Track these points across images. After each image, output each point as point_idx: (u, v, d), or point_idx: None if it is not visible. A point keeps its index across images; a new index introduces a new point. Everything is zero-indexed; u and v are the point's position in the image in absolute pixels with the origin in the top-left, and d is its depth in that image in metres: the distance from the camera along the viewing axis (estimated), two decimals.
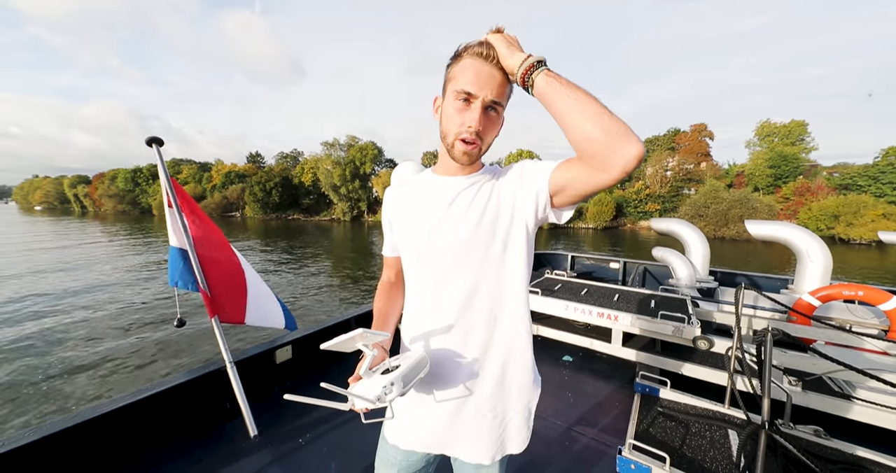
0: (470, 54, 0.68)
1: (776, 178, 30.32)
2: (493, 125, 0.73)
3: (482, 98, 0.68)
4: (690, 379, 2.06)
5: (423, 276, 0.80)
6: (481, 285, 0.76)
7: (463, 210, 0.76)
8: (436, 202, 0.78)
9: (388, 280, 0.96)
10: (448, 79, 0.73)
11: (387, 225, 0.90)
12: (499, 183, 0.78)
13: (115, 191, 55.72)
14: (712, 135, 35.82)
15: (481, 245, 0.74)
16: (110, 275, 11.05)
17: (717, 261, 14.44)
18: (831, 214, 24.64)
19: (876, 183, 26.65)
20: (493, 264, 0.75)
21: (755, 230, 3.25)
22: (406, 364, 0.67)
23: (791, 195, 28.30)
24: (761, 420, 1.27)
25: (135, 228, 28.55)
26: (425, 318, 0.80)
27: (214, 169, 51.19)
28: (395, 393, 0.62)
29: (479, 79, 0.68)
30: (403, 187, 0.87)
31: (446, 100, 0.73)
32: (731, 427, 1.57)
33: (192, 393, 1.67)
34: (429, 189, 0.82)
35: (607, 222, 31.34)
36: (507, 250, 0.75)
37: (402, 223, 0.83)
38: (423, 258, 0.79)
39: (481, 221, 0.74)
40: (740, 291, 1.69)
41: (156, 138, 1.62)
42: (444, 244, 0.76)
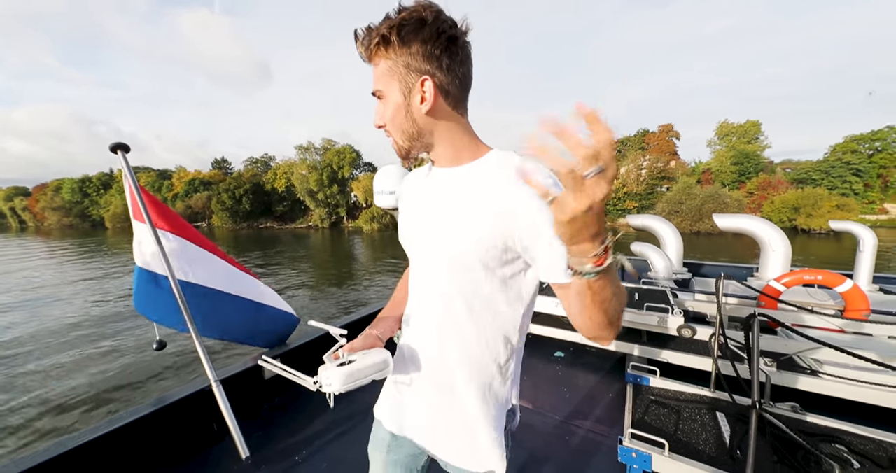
0: None
1: (740, 174, 32.75)
2: (386, 112, 0.66)
3: (375, 92, 0.67)
4: (677, 367, 2.18)
5: (411, 272, 0.81)
6: (440, 288, 0.70)
7: (443, 208, 0.69)
8: (424, 195, 0.76)
9: (407, 270, 0.94)
10: None
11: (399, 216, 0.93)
12: (490, 198, 0.62)
13: (60, 203, 51.80)
14: (679, 135, 38.20)
15: (445, 260, 0.67)
16: (68, 294, 10.24)
17: (696, 254, 15.31)
18: (792, 206, 27.03)
19: (828, 176, 29.43)
20: (463, 274, 0.66)
21: (723, 223, 3.55)
22: (360, 363, 0.69)
23: (755, 190, 30.73)
24: (751, 401, 1.37)
25: (89, 242, 26.56)
26: (410, 312, 0.80)
27: (176, 176, 48.71)
28: (334, 386, 0.66)
29: (373, 75, 0.66)
30: (409, 178, 0.85)
31: None
32: (719, 409, 1.67)
33: (175, 417, 1.59)
34: (424, 181, 0.78)
35: None
36: (484, 265, 0.64)
37: (402, 215, 0.82)
38: (410, 254, 0.79)
39: (451, 237, 0.66)
40: (720, 281, 1.81)
41: (121, 144, 1.51)
42: (425, 244, 0.73)
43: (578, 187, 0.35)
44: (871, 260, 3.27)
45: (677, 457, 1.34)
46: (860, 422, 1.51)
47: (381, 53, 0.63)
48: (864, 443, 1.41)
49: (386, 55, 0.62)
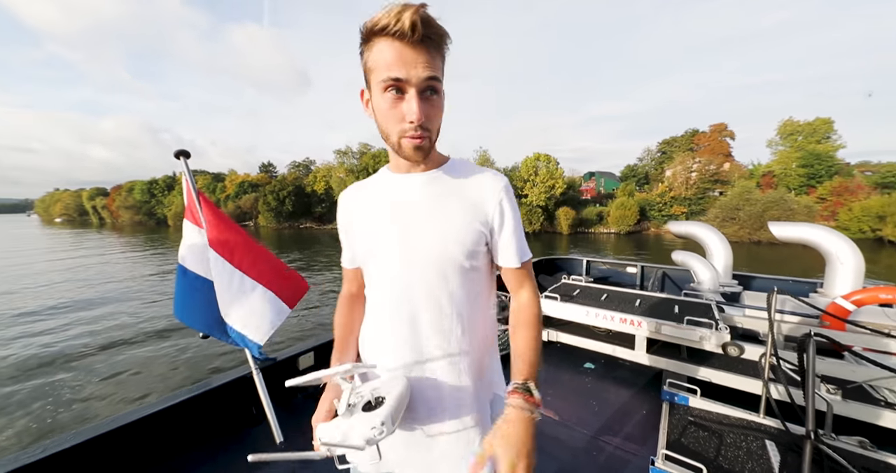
0: (383, 35, 0.57)
1: (809, 178, 29.26)
2: (437, 109, 0.63)
3: (415, 80, 0.58)
4: (719, 387, 2.02)
5: (385, 286, 0.73)
6: (449, 298, 0.71)
7: (426, 213, 0.70)
8: (398, 203, 0.73)
9: (348, 293, 0.89)
10: (368, 70, 0.62)
11: (343, 233, 0.82)
12: (469, 192, 0.71)
13: (131, 203, 58.37)
14: (733, 135, 35.08)
15: (437, 260, 0.69)
16: (135, 285, 11.56)
17: (754, 266, 13.82)
18: (876, 215, 23.52)
19: None
20: (447, 280, 0.70)
21: (780, 232, 3.20)
22: (393, 395, 0.59)
23: (828, 195, 27.23)
24: (805, 431, 1.24)
25: (154, 239, 29.74)
26: (390, 331, 0.74)
27: (228, 179, 53.05)
28: (385, 433, 0.53)
29: (405, 62, 0.57)
30: (360, 190, 0.80)
31: (375, 95, 0.63)
32: (769, 437, 1.53)
33: (220, 399, 1.75)
34: (388, 189, 0.75)
35: (630, 226, 30.71)
36: (459, 269, 0.70)
37: (363, 228, 0.76)
38: (387, 266, 0.72)
39: (444, 234, 0.69)
40: (772, 295, 1.66)
41: (183, 151, 1.65)
42: (410, 251, 0.70)
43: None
44: None
45: None
46: None
47: (441, 50, 0.61)
48: None
49: (442, 52, 0.61)
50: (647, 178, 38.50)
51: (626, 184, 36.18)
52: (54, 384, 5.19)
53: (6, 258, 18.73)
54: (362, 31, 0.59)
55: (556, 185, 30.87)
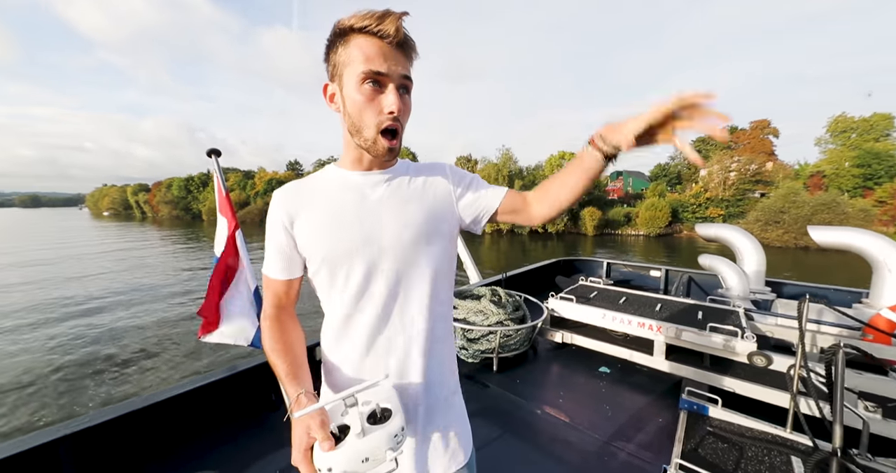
0: (363, 33, 0.60)
1: (866, 179, 26.80)
2: (408, 108, 0.67)
3: (394, 76, 0.61)
4: (742, 398, 1.93)
5: (370, 288, 0.70)
6: (422, 290, 0.72)
7: (398, 207, 0.71)
8: (367, 200, 0.71)
9: (276, 311, 0.75)
10: (341, 64, 0.63)
11: (283, 235, 0.71)
12: (426, 181, 0.77)
13: (170, 198, 62.29)
14: (777, 133, 32.74)
15: (424, 247, 0.72)
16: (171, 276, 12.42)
17: (801, 274, 12.76)
18: None
19: None
20: (431, 266, 0.73)
21: (820, 237, 2.97)
22: (392, 399, 0.57)
23: (888, 198, 24.82)
24: (832, 448, 1.18)
25: (188, 232, 31.76)
26: (379, 333, 0.71)
27: (257, 176, 55.52)
28: (404, 439, 0.53)
29: (387, 58, 0.60)
30: (305, 189, 0.74)
31: (349, 87, 0.62)
32: (795, 453, 1.45)
33: (242, 384, 1.86)
34: (349, 187, 0.72)
35: (661, 229, 29.36)
36: (442, 254, 0.75)
37: (323, 231, 0.70)
38: (354, 265, 0.69)
39: (424, 220, 0.72)
40: (804, 304, 1.57)
41: (214, 150, 1.76)
42: (384, 247, 0.69)
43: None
44: None
45: None
46: None
47: (413, 55, 0.66)
48: None
49: (412, 58, 0.66)
50: (679, 178, 36.73)
51: (657, 183, 34.65)
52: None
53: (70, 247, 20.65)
54: (337, 27, 0.61)
55: None
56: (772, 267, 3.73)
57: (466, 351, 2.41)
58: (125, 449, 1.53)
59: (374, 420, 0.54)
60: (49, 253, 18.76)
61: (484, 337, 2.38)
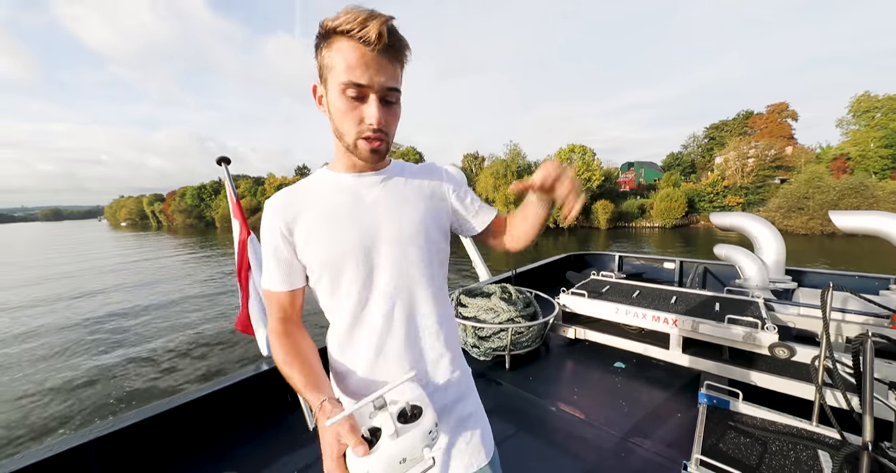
0: (345, 37, 0.57)
1: (894, 161, 25.62)
2: (395, 117, 0.65)
3: (376, 87, 0.59)
4: (764, 391, 1.88)
5: (370, 293, 0.70)
6: (425, 288, 0.74)
7: (395, 207, 0.72)
8: (361, 203, 0.71)
9: (282, 324, 0.73)
10: (325, 67, 0.61)
11: (281, 242, 0.69)
12: (422, 181, 0.78)
13: (184, 207, 64.17)
14: (796, 116, 31.54)
15: (423, 245, 0.73)
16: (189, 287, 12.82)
17: (830, 261, 12.23)
18: None
19: None
20: (431, 264, 0.75)
21: (843, 222, 2.87)
22: (422, 397, 0.56)
23: None
24: (863, 442, 1.14)
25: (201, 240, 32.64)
26: (386, 336, 0.71)
27: (267, 182, 56.69)
28: (438, 435, 0.53)
29: (368, 67, 0.58)
30: (298, 195, 0.72)
31: (332, 94, 0.62)
32: (822, 447, 1.42)
33: (260, 386, 1.91)
34: (342, 191, 0.72)
35: (677, 219, 28.64)
36: (440, 252, 0.77)
37: (320, 237, 0.69)
38: (355, 267, 0.68)
39: (421, 219, 0.74)
40: (828, 292, 1.52)
41: (224, 158, 1.82)
42: (383, 247, 0.70)
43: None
44: None
45: None
46: None
47: (402, 61, 0.63)
48: None
49: (402, 62, 0.63)
50: (693, 167, 35.81)
51: (670, 173, 33.85)
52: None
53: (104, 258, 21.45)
54: (322, 28, 0.59)
55: (593, 177, 29.56)
56: (796, 256, 3.62)
57: (478, 349, 2.41)
58: (148, 452, 1.59)
59: (405, 419, 0.53)
60: (74, 265, 19.58)
61: (495, 335, 2.38)
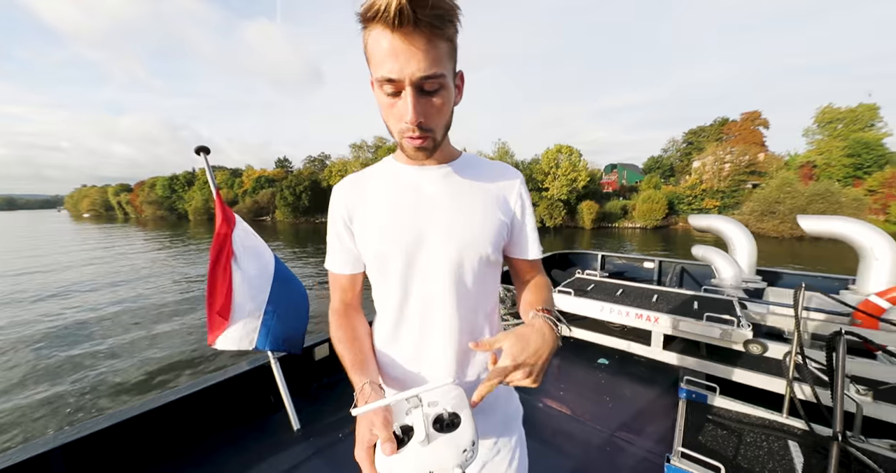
0: (376, 21, 0.49)
1: (856, 169, 27.43)
2: (439, 107, 0.57)
3: (408, 79, 0.52)
4: (739, 386, 1.99)
5: (411, 287, 0.69)
6: (472, 289, 0.70)
7: (454, 205, 0.69)
8: (418, 196, 0.69)
9: (343, 304, 0.77)
10: (367, 59, 0.56)
11: (343, 230, 0.72)
12: (491, 182, 0.72)
13: (154, 198, 61.14)
14: (767, 124, 33.33)
15: (473, 254, 0.69)
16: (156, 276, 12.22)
17: (798, 263, 12.91)
18: None
19: None
20: (481, 267, 0.70)
21: (809, 226, 3.10)
22: (464, 406, 0.52)
23: (878, 187, 25.47)
24: (833, 432, 1.23)
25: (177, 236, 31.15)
26: (421, 335, 0.70)
27: (245, 174, 54.70)
28: (475, 454, 0.47)
29: (397, 57, 0.50)
30: (361, 182, 0.73)
31: (374, 89, 0.58)
32: (792, 437, 1.51)
33: (238, 387, 1.86)
34: (402, 181, 0.70)
35: (658, 221, 29.77)
36: (490, 263, 0.71)
37: (375, 225, 0.69)
38: (413, 265, 0.68)
39: (480, 221, 0.69)
40: (800, 291, 1.62)
41: (203, 147, 1.71)
42: (435, 245, 0.67)
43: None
44: None
45: None
46: None
47: (444, 33, 0.52)
48: None
49: (446, 33, 0.52)
50: (672, 170, 37.16)
51: (651, 176, 35.03)
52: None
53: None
54: (357, 18, 0.52)
55: (579, 178, 30.19)
56: (767, 258, 3.83)
57: None
58: (121, 459, 1.52)
59: (440, 425, 0.49)
60: (33, 259, 18.27)
61: None
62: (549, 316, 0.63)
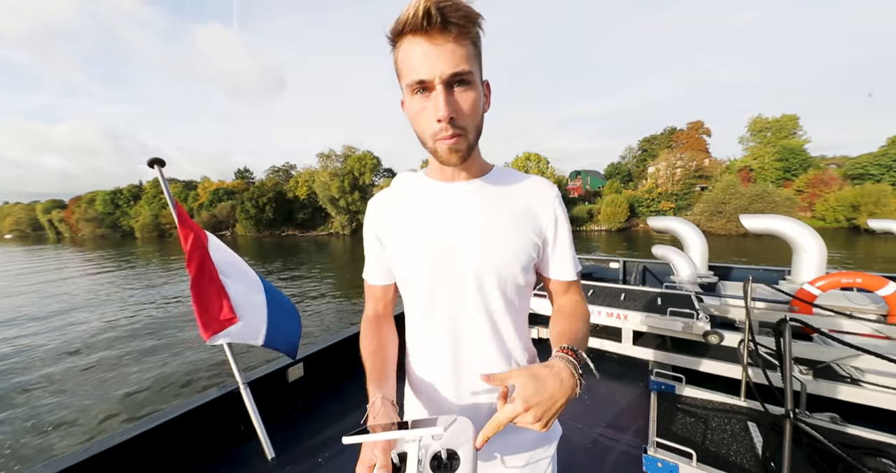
0: (403, 35, 0.55)
1: (785, 171, 30.94)
2: (470, 103, 0.58)
3: (438, 78, 0.54)
4: (704, 374, 2.14)
5: (436, 306, 0.69)
6: (505, 316, 0.69)
7: (481, 223, 0.67)
8: (445, 213, 0.68)
9: (374, 314, 0.80)
10: (398, 76, 0.60)
11: (375, 243, 0.75)
12: (524, 200, 0.70)
13: (93, 215, 55.81)
14: (710, 132, 37.00)
15: (499, 278, 0.66)
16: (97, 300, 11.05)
17: (743, 258, 14.14)
18: (850, 205, 25.22)
19: (889, 171, 27.21)
20: (505, 299, 0.68)
21: (750, 224, 3.47)
22: (466, 449, 0.50)
23: (804, 187, 28.90)
24: (785, 410, 1.35)
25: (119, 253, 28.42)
26: (443, 356, 0.70)
27: (201, 186, 51.58)
28: None
29: (427, 58, 0.54)
30: (394, 196, 0.75)
31: (406, 99, 0.61)
32: (750, 419, 1.64)
33: (205, 417, 1.72)
34: (431, 197, 0.70)
35: (621, 223, 31.70)
36: (518, 287, 0.69)
37: (403, 240, 0.70)
38: (437, 283, 0.68)
39: (504, 248, 0.67)
40: (748, 284, 1.79)
41: (158, 159, 1.64)
42: (464, 266, 0.66)
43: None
44: None
45: (706, 468, 1.33)
46: None
47: (470, 34, 0.56)
48: None
49: (472, 37, 0.56)
50: (630, 176, 39.80)
51: (612, 181, 37.25)
52: None
53: None
54: (388, 36, 0.57)
55: None
56: (720, 254, 4.19)
57: None
58: None
59: (438, 463, 0.48)
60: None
61: None
62: (571, 359, 0.57)
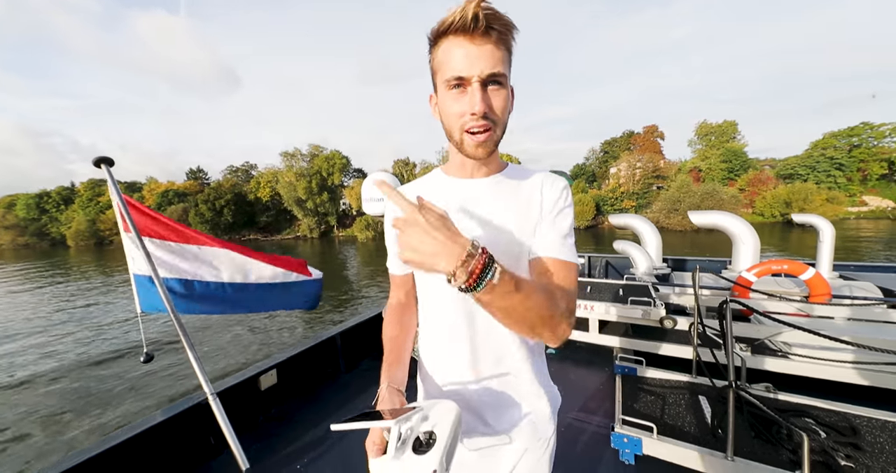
0: (447, 35, 0.60)
1: (729, 172, 34.18)
2: (502, 101, 0.62)
3: (477, 76, 0.59)
4: (661, 356, 2.36)
5: (447, 300, 0.72)
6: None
7: (493, 219, 0.70)
8: (463, 208, 0.72)
9: (397, 301, 0.86)
10: (434, 72, 0.65)
11: (393, 236, 0.79)
12: (529, 193, 0.72)
13: (12, 222, 49.66)
14: (663, 136, 40.21)
15: (516, 258, 0.69)
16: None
17: (694, 251, 15.36)
18: (783, 201, 28.58)
19: (813, 171, 31.03)
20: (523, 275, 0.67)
21: (697, 220, 3.88)
22: (445, 431, 0.52)
23: (745, 186, 32.12)
24: (728, 383, 1.54)
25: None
26: (446, 346, 0.75)
27: (147, 188, 47.71)
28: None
29: (468, 57, 0.58)
30: (412, 191, 0.79)
31: (440, 95, 0.65)
32: (701, 393, 1.85)
33: (172, 432, 1.63)
34: (449, 193, 0.74)
35: (588, 221, 33.40)
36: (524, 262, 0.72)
37: None
38: (432, 281, 0.73)
39: (517, 236, 0.70)
40: (696, 273, 2.01)
41: (105, 158, 1.57)
42: None
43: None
44: (831, 250, 3.61)
45: (665, 439, 1.50)
46: (826, 397, 1.71)
47: (507, 41, 0.61)
48: (829, 416, 1.61)
49: (508, 45, 0.61)
50: (594, 176, 42.03)
51: (578, 181, 39.14)
52: None
53: None
54: (430, 36, 0.62)
55: None
56: (676, 248, 4.62)
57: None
58: None
59: (419, 443, 0.52)
60: None
61: None
62: (477, 252, 0.47)
